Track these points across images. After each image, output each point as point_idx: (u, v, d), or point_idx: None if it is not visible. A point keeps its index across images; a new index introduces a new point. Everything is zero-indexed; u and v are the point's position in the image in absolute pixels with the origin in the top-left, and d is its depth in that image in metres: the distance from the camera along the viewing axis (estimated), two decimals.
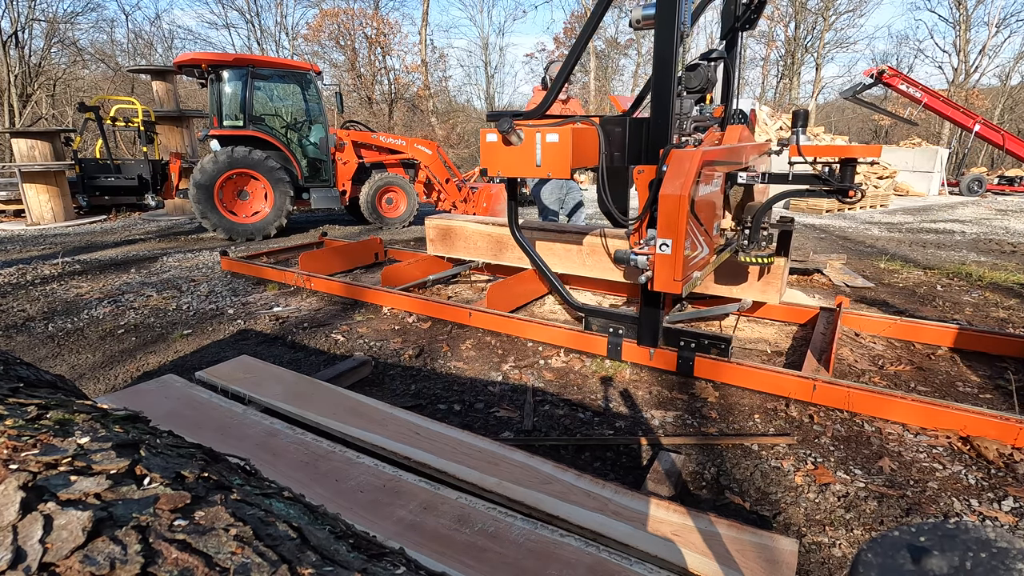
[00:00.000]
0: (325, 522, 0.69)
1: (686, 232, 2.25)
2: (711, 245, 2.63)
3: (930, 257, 5.88)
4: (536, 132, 2.66)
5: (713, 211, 2.61)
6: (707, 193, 2.46)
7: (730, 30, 3.19)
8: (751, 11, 3.06)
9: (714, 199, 2.58)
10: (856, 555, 0.37)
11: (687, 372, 2.76)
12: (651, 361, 2.88)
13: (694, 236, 2.37)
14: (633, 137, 2.80)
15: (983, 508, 1.81)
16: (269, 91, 7.42)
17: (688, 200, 2.22)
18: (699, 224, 2.41)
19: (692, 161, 2.27)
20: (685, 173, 2.25)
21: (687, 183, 2.21)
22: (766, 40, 27.35)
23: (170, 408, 2.09)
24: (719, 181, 2.62)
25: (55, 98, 19.11)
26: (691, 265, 2.38)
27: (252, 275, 4.79)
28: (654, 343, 2.86)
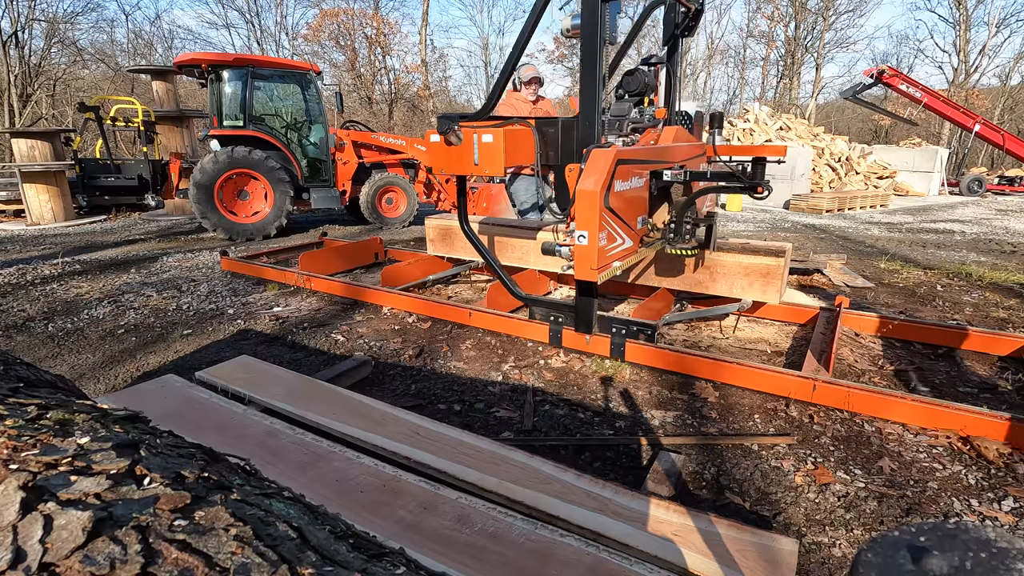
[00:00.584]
0: (325, 522, 0.69)
1: (601, 224, 2.43)
2: (635, 237, 2.79)
3: (930, 257, 5.88)
4: (473, 133, 2.86)
5: (634, 206, 2.75)
6: (627, 189, 2.62)
7: (671, 37, 3.41)
8: (690, 19, 3.30)
9: (635, 195, 2.74)
10: (856, 555, 0.37)
11: (619, 357, 2.94)
12: (588, 347, 3.05)
13: (611, 228, 2.53)
14: (565, 137, 2.99)
15: (983, 508, 1.81)
16: (269, 91, 7.41)
17: (602, 195, 2.40)
18: (617, 218, 2.57)
19: (607, 159, 2.43)
20: (600, 170, 2.42)
21: (601, 180, 2.38)
22: (766, 40, 27.38)
23: (170, 408, 2.09)
24: (642, 179, 2.78)
25: (55, 98, 19.11)
26: (609, 256, 2.55)
27: (252, 275, 4.79)
28: (589, 330, 3.03)
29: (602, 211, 2.43)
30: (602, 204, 2.42)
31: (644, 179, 2.82)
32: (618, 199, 2.55)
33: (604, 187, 2.40)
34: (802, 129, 12.90)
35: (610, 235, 2.54)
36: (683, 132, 3.32)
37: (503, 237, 4.14)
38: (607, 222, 2.49)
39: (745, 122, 13.03)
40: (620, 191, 2.56)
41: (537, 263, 3.99)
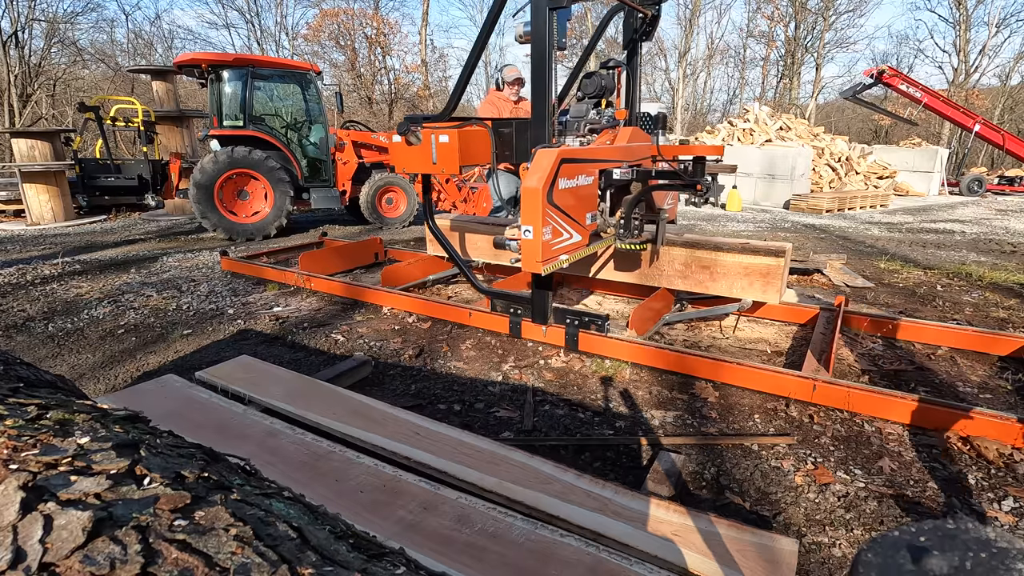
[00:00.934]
0: (325, 522, 0.69)
1: (545, 220, 2.56)
2: (583, 233, 2.90)
3: (930, 257, 5.88)
4: (431, 134, 3.00)
5: (582, 203, 2.87)
6: (573, 187, 2.74)
7: (630, 41, 3.55)
8: (647, 24, 3.45)
9: (583, 192, 2.84)
10: (856, 555, 0.37)
11: (573, 346, 3.08)
12: (544, 337, 3.21)
13: (557, 224, 2.66)
14: (520, 138, 3.14)
15: (983, 508, 1.81)
16: (269, 91, 7.41)
17: (544, 192, 2.52)
18: (563, 214, 2.70)
19: (550, 159, 2.56)
20: (543, 169, 2.55)
21: (544, 178, 2.51)
22: (766, 40, 27.38)
23: (170, 408, 2.09)
24: (590, 177, 2.88)
25: (55, 98, 19.11)
26: (555, 249, 2.69)
27: (252, 275, 4.79)
28: (545, 321, 3.19)
29: (546, 207, 2.55)
30: (545, 200, 2.54)
31: (593, 177, 2.92)
32: (564, 196, 2.68)
33: (547, 185, 2.53)
34: (802, 129, 12.90)
35: (555, 230, 2.67)
36: (639, 133, 3.42)
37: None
38: (552, 217, 2.62)
39: (745, 122, 13.03)
40: (565, 188, 2.69)
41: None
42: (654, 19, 3.46)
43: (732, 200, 10.15)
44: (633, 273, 3.59)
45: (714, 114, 29.40)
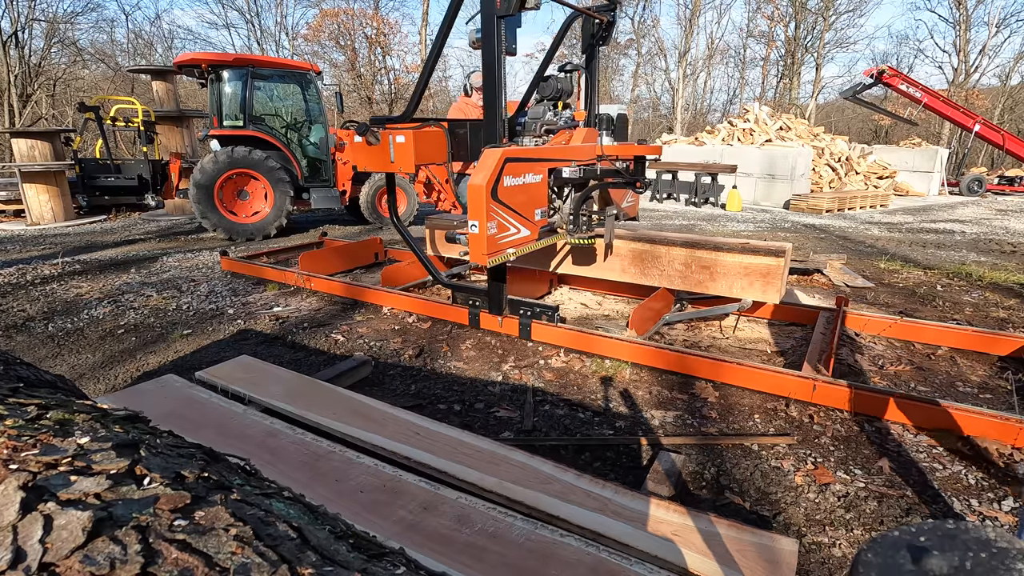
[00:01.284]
0: (325, 522, 0.69)
1: (490, 215, 2.69)
2: (532, 228, 3.04)
3: (930, 257, 5.88)
4: (389, 134, 3.14)
5: (530, 199, 3.00)
6: (519, 184, 2.87)
7: (589, 45, 3.72)
8: (603, 30, 3.63)
9: (531, 190, 2.98)
10: (856, 555, 0.37)
11: (526, 335, 3.28)
12: (501, 328, 3.38)
13: (502, 219, 2.79)
14: (473, 138, 3.31)
15: (983, 508, 1.81)
16: (269, 91, 7.41)
17: (488, 189, 2.65)
18: (510, 210, 2.84)
19: (495, 158, 2.69)
20: (488, 168, 2.68)
21: (487, 176, 2.64)
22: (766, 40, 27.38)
23: (170, 408, 2.09)
24: (538, 175, 3.02)
25: (55, 98, 19.10)
26: (500, 243, 2.82)
27: (252, 275, 4.79)
28: (500, 312, 3.37)
29: (490, 203, 2.68)
30: (489, 197, 2.67)
31: (541, 176, 3.05)
32: (510, 193, 2.81)
33: (491, 182, 2.66)
34: (802, 129, 12.90)
35: (501, 225, 2.80)
36: (594, 133, 3.54)
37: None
38: (497, 213, 2.75)
39: (745, 122, 13.03)
40: (512, 186, 2.81)
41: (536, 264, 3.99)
42: (610, 24, 3.64)
43: (732, 200, 10.15)
44: (633, 273, 3.60)
45: (714, 114, 29.41)
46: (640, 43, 26.85)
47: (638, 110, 28.13)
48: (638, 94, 27.95)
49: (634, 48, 27.33)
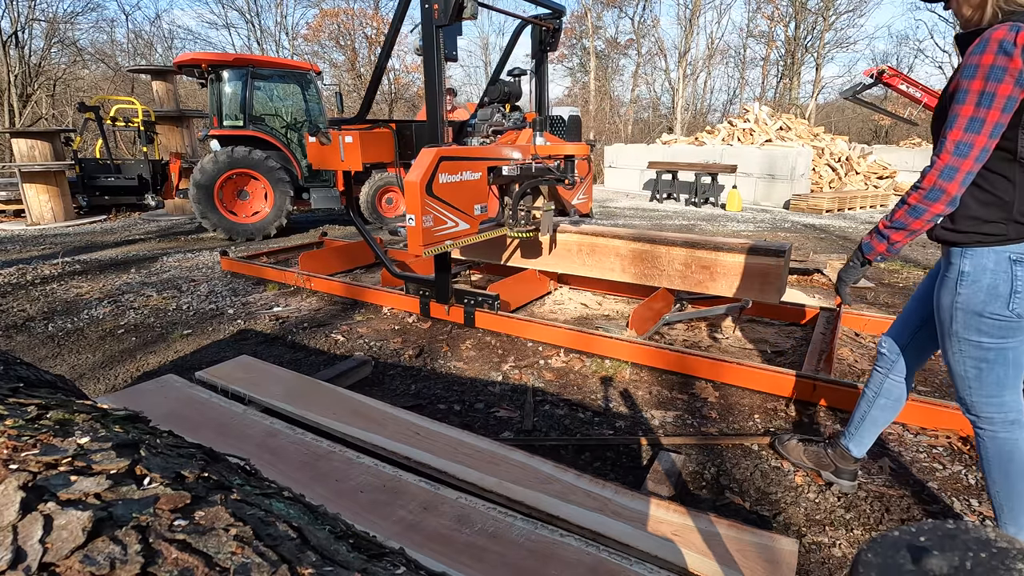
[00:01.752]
0: (325, 522, 0.69)
1: (425, 210, 2.89)
2: (471, 221, 3.24)
3: (930, 257, 5.88)
4: (339, 135, 3.39)
5: (469, 195, 3.19)
6: (456, 181, 3.07)
7: (537, 51, 3.97)
8: (550, 36, 3.90)
9: (469, 186, 3.17)
10: (856, 555, 0.37)
11: (470, 323, 3.48)
12: (448, 316, 3.57)
13: (438, 213, 2.99)
14: (419, 139, 3.51)
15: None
16: (269, 91, 7.41)
17: (422, 186, 2.85)
18: (447, 205, 3.03)
19: (429, 157, 2.90)
20: (422, 166, 2.89)
21: (422, 173, 2.85)
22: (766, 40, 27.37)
23: (170, 408, 2.09)
24: (477, 173, 3.22)
25: (55, 98, 19.09)
26: (437, 235, 3.01)
27: (252, 275, 4.79)
28: (447, 301, 3.55)
29: (424, 199, 2.88)
30: (423, 193, 2.87)
31: (480, 173, 3.25)
32: (446, 189, 3.01)
33: (425, 179, 2.86)
34: (802, 129, 12.90)
35: (437, 219, 2.99)
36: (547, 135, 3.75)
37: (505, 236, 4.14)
38: (432, 208, 2.94)
39: (745, 122, 13.03)
40: (448, 183, 3.01)
41: (536, 264, 4.01)
42: (556, 31, 3.92)
43: (732, 200, 10.15)
44: (633, 273, 3.60)
45: (714, 114, 29.37)
46: (640, 43, 26.84)
47: (638, 110, 28.11)
48: (638, 94, 27.93)
49: (634, 48, 27.32)
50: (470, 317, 3.48)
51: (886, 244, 1.47)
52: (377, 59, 3.50)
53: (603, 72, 26.38)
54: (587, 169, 4.29)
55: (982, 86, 1.23)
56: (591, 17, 24.81)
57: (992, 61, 1.22)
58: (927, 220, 1.38)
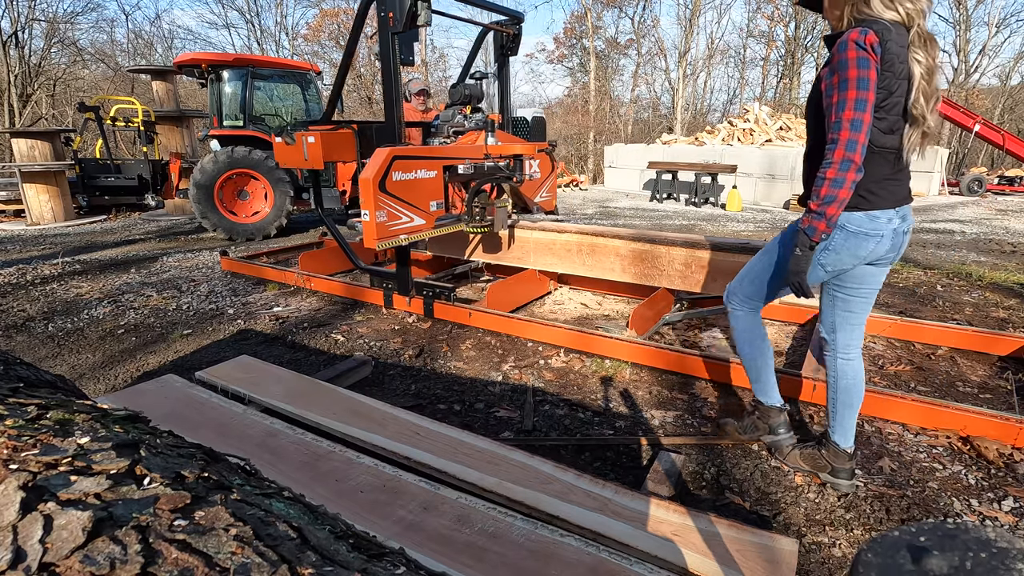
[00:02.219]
0: (325, 522, 0.69)
1: (378, 205, 3.07)
2: (427, 217, 3.41)
3: (930, 257, 5.88)
4: (302, 136, 3.61)
5: (424, 192, 3.37)
6: (411, 179, 3.24)
7: (500, 55, 4.23)
8: (510, 41, 4.16)
9: (423, 184, 3.35)
10: (856, 555, 0.37)
11: (429, 313, 3.64)
12: (409, 307, 3.73)
13: (392, 209, 3.16)
14: (378, 139, 3.65)
15: (983, 508, 1.81)
16: (269, 91, 7.41)
17: (375, 183, 3.02)
18: (401, 201, 3.21)
19: (382, 156, 3.07)
20: (376, 165, 3.06)
21: (374, 171, 3.03)
22: (766, 40, 27.36)
23: (170, 408, 2.09)
24: (432, 171, 3.40)
25: (55, 98, 19.09)
26: (391, 230, 3.19)
27: (252, 275, 4.79)
28: (407, 293, 3.71)
29: (378, 195, 3.04)
30: (377, 190, 3.03)
31: (436, 172, 3.42)
32: (400, 187, 3.18)
33: (378, 177, 3.03)
34: (802, 129, 12.90)
35: (391, 214, 3.16)
36: (501, 134, 3.91)
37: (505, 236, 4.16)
38: (386, 204, 3.11)
39: (745, 122, 13.03)
40: (402, 180, 3.19)
41: (536, 263, 4.01)
42: (516, 36, 4.16)
43: (732, 200, 10.15)
44: (633, 273, 3.60)
45: (714, 114, 29.35)
46: (640, 43, 26.83)
47: (638, 110, 28.10)
48: (638, 94, 27.92)
49: (634, 48, 27.32)
50: (429, 307, 3.63)
51: (825, 221, 1.60)
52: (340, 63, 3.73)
53: (603, 72, 26.37)
54: (550, 168, 4.49)
55: (857, 73, 1.49)
56: (591, 17, 24.80)
57: (857, 54, 1.49)
58: (848, 188, 1.56)
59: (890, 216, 1.67)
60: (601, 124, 23.88)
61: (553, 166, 4.54)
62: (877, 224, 1.66)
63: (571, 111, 25.47)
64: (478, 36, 4.47)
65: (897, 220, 1.69)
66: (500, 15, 4.12)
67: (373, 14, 3.46)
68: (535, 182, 4.39)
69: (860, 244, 1.68)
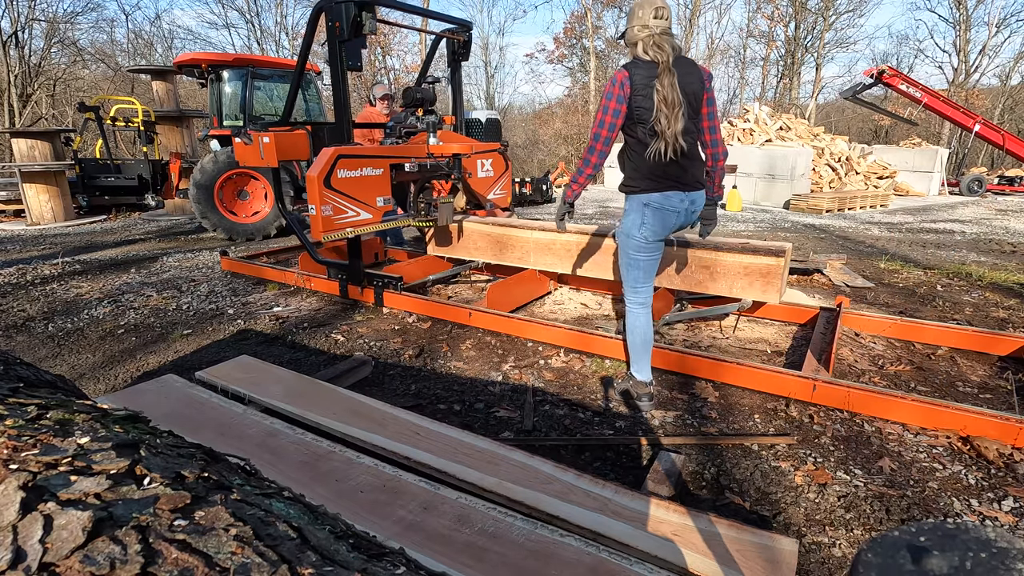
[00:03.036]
0: (325, 522, 0.69)
1: (324, 200, 3.30)
2: (373, 212, 3.64)
3: (930, 257, 5.88)
4: (259, 136, 3.83)
5: (371, 189, 3.60)
6: (356, 176, 3.47)
7: (452, 60, 4.59)
8: (462, 47, 4.51)
9: (370, 180, 3.58)
10: (856, 555, 0.37)
11: (380, 302, 3.87)
12: (361, 297, 3.96)
13: (337, 204, 3.39)
14: (330, 139, 3.93)
15: (983, 508, 1.81)
16: (269, 91, 7.41)
17: (321, 180, 3.26)
18: (347, 197, 3.43)
19: (327, 155, 3.31)
20: (321, 163, 3.29)
21: (319, 169, 3.27)
22: (766, 40, 27.35)
23: (170, 408, 2.09)
24: (378, 169, 3.63)
25: (55, 98, 19.09)
26: (337, 223, 3.41)
27: (252, 275, 4.79)
28: (359, 283, 3.94)
29: (323, 191, 3.27)
30: (321, 186, 3.26)
31: (382, 170, 3.67)
32: (346, 183, 3.41)
33: (323, 174, 3.27)
34: (802, 129, 12.90)
35: (336, 208, 3.38)
36: (450, 135, 4.25)
37: (506, 235, 4.16)
38: (331, 199, 3.34)
39: (745, 122, 13.03)
40: (347, 177, 3.42)
41: (536, 263, 4.01)
42: (467, 43, 4.51)
43: (732, 200, 10.15)
44: None
45: None
46: None
47: None
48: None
49: None
50: (379, 296, 3.86)
51: (572, 190, 2.39)
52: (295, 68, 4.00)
53: (603, 72, 26.35)
54: (504, 167, 4.80)
55: (605, 102, 2.16)
56: (591, 17, 24.80)
57: (611, 88, 2.15)
58: (587, 176, 2.31)
59: (681, 197, 2.30)
60: None
61: (507, 165, 4.85)
62: (672, 201, 2.29)
63: (571, 111, 25.46)
64: (432, 43, 4.84)
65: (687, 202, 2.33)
66: (449, 23, 4.45)
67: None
68: (488, 180, 4.65)
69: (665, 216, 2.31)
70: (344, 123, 3.66)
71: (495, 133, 6.57)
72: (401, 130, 4.21)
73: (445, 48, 4.70)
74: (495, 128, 6.21)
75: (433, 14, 4.36)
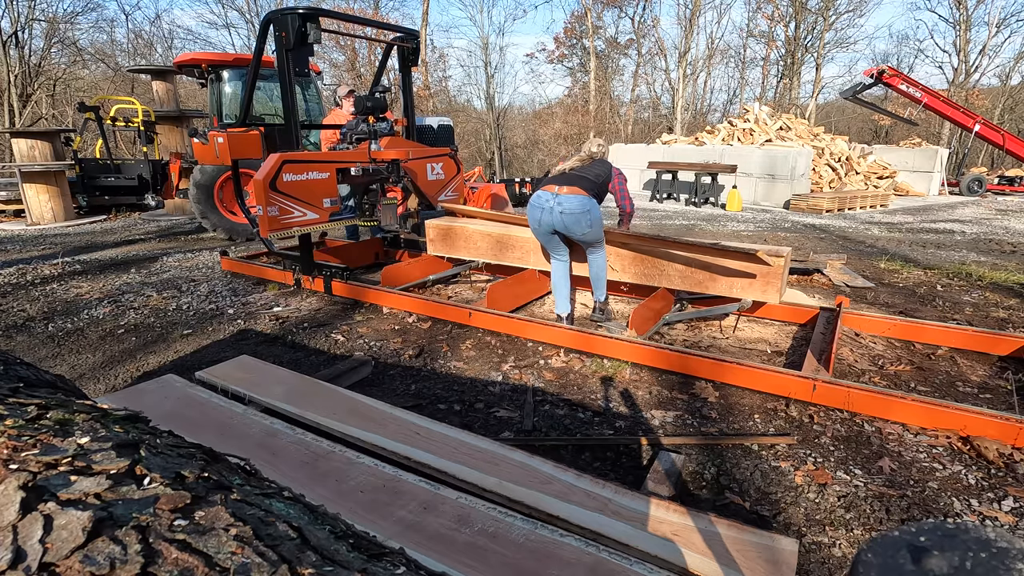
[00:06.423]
0: (325, 522, 0.69)
1: (270, 201, 3.57)
2: (320, 212, 3.91)
3: (930, 257, 5.88)
4: (214, 136, 4.16)
5: (317, 191, 3.87)
6: (302, 179, 3.76)
7: (403, 67, 4.89)
8: (411, 54, 4.81)
9: (316, 183, 3.86)
10: (856, 555, 0.37)
11: (329, 291, 4.12)
12: (312, 285, 4.22)
13: (283, 205, 3.66)
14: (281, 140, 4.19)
15: (983, 508, 1.81)
16: (269, 91, 7.40)
17: (266, 183, 3.52)
18: (292, 198, 3.70)
19: (273, 160, 3.59)
20: (267, 167, 3.55)
21: (265, 172, 3.53)
22: (766, 40, 27.35)
23: (170, 408, 2.09)
24: (324, 172, 3.92)
25: (55, 98, 19.08)
26: (283, 223, 3.69)
27: (252, 275, 4.79)
28: (310, 273, 4.21)
29: (268, 193, 3.54)
30: (267, 188, 3.52)
31: (328, 173, 3.94)
32: (292, 186, 3.69)
33: (268, 177, 3.52)
34: (802, 129, 12.90)
35: (283, 209, 3.65)
36: (398, 140, 4.55)
37: (506, 235, 4.15)
38: (277, 200, 3.61)
39: (745, 122, 13.03)
40: (294, 180, 3.69)
41: (536, 263, 4.01)
42: (415, 51, 4.81)
43: (732, 200, 10.15)
44: (633, 273, 3.60)
45: (714, 114, 29.33)
46: (640, 43, 26.81)
47: (638, 110, 28.08)
48: (638, 94, 27.90)
49: (634, 48, 27.31)
50: (328, 286, 4.09)
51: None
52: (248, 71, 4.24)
53: (603, 72, 26.36)
54: (455, 171, 5.00)
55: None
56: (591, 17, 24.80)
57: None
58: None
59: (547, 197, 3.14)
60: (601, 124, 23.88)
61: (458, 169, 5.04)
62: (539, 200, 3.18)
63: (571, 111, 25.45)
64: (384, 52, 5.14)
65: (553, 202, 3.12)
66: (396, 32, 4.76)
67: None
68: (438, 182, 4.84)
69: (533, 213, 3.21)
70: (292, 126, 3.92)
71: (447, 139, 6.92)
72: (351, 136, 4.46)
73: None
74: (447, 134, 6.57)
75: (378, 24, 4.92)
